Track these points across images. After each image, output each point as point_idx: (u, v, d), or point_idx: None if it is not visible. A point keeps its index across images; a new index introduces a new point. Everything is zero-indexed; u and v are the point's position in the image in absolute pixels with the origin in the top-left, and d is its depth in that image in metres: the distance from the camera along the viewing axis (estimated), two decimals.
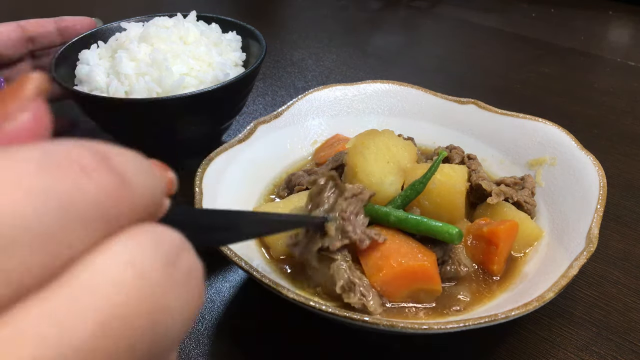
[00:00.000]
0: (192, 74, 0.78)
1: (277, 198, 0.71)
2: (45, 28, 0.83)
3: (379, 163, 0.62)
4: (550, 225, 0.64)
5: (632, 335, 0.58)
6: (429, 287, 0.56)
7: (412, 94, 0.82)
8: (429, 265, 0.55)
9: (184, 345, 0.58)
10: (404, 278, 0.55)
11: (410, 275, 0.55)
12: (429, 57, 1.27)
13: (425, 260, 0.55)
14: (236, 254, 0.54)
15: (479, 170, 0.70)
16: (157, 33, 0.80)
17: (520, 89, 1.08)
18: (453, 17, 1.46)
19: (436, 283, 0.56)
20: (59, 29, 0.84)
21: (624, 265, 0.67)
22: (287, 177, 0.72)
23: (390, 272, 0.54)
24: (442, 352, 0.57)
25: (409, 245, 0.56)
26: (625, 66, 1.17)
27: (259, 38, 0.85)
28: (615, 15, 1.43)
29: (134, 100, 0.72)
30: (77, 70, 0.80)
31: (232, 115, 0.83)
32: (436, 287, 0.56)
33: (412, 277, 0.55)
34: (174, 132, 0.78)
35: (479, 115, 0.78)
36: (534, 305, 0.49)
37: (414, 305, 0.57)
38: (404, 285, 0.55)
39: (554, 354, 0.57)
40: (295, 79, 1.13)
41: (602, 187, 0.62)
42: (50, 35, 0.84)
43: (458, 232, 0.56)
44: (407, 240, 0.57)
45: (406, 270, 0.54)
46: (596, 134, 0.93)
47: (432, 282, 0.56)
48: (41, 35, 0.83)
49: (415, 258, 0.55)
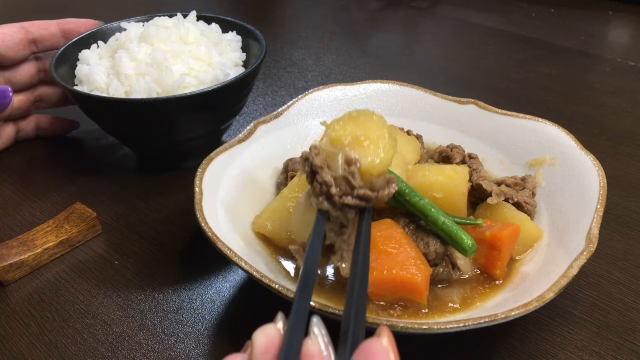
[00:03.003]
0: (192, 74, 0.78)
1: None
2: (49, 30, 0.83)
3: None
4: (550, 225, 0.64)
5: (632, 335, 0.58)
6: (414, 299, 0.56)
7: (412, 94, 0.82)
8: (419, 280, 0.54)
9: (184, 345, 0.58)
10: (391, 286, 0.55)
11: (398, 285, 0.55)
12: (429, 57, 1.27)
13: (416, 275, 0.54)
14: (236, 254, 0.54)
15: (480, 170, 0.70)
16: (157, 33, 0.80)
17: (520, 89, 1.08)
18: (453, 17, 1.46)
19: (422, 297, 0.55)
20: (63, 31, 0.84)
21: (624, 265, 0.67)
22: (285, 162, 0.73)
23: (379, 276, 0.54)
24: (442, 352, 0.57)
25: (407, 254, 0.56)
26: (625, 66, 1.17)
27: (259, 38, 0.85)
28: (615, 15, 1.43)
29: (134, 100, 0.72)
30: (77, 70, 0.80)
31: (232, 115, 0.83)
32: (421, 302, 0.56)
33: (399, 287, 0.55)
34: (174, 132, 0.78)
35: (479, 115, 0.78)
36: (534, 305, 0.49)
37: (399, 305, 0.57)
38: (390, 291, 0.55)
39: (554, 354, 0.57)
40: (295, 79, 1.13)
41: (602, 187, 0.62)
42: (53, 37, 0.84)
43: (472, 247, 0.57)
44: (409, 248, 0.56)
45: (395, 280, 0.54)
46: (596, 134, 0.93)
47: (418, 296, 0.55)
48: (44, 38, 0.83)
49: (407, 270, 0.54)
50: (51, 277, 0.67)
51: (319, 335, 0.34)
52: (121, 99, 0.73)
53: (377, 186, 0.49)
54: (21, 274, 0.67)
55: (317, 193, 0.48)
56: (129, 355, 0.57)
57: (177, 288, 0.65)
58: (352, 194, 0.48)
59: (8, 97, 0.73)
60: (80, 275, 0.67)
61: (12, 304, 0.64)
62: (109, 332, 0.60)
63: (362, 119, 0.51)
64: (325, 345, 0.33)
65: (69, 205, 0.74)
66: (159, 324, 0.61)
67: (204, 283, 0.66)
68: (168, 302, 0.63)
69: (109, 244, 0.72)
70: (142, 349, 0.58)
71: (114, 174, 0.86)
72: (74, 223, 0.71)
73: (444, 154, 0.74)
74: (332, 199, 0.48)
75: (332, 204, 0.48)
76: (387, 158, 0.50)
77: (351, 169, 0.48)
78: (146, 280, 0.66)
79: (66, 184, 0.84)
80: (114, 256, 0.70)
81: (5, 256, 0.66)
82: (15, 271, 0.66)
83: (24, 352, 0.58)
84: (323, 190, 0.48)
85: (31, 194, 0.81)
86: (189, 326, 0.60)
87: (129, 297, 0.64)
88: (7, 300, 0.64)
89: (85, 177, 0.85)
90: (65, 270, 0.68)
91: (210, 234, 0.56)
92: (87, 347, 0.58)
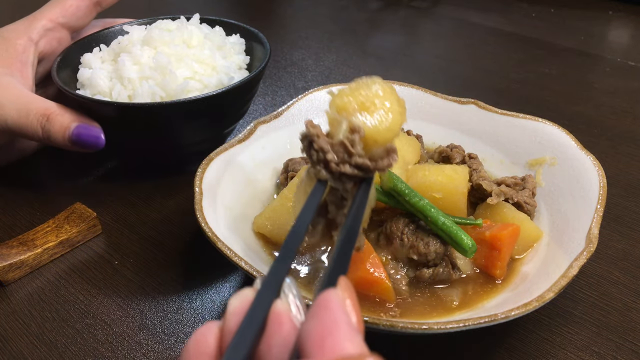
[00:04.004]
0: (196, 78, 0.77)
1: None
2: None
3: None
4: (550, 225, 0.64)
5: (632, 335, 0.58)
6: (382, 296, 0.58)
7: (412, 94, 0.82)
8: (375, 278, 0.57)
9: (184, 345, 0.58)
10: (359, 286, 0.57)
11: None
12: (429, 57, 1.27)
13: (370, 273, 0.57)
14: (236, 254, 0.54)
15: (480, 170, 0.70)
16: (161, 36, 0.79)
17: (520, 89, 1.08)
18: (453, 17, 1.46)
19: (387, 294, 0.58)
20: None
21: (624, 265, 0.67)
22: (285, 162, 0.73)
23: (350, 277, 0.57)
24: (443, 352, 0.57)
25: (360, 257, 0.58)
26: (625, 66, 1.17)
27: (263, 41, 0.84)
28: (615, 15, 1.43)
29: (138, 104, 0.71)
30: (79, 74, 0.79)
31: (237, 119, 0.83)
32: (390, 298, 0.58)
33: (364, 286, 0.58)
34: (178, 136, 0.77)
35: (479, 115, 0.78)
36: (534, 305, 0.49)
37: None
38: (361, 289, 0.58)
39: (554, 354, 0.57)
40: (295, 79, 1.13)
41: (602, 187, 0.62)
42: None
43: (472, 247, 0.57)
44: (368, 252, 0.58)
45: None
46: (596, 134, 0.93)
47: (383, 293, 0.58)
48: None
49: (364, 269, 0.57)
50: (51, 277, 0.67)
51: (289, 295, 0.32)
52: (125, 104, 0.72)
53: (376, 156, 0.46)
54: (21, 274, 0.67)
55: (314, 162, 0.46)
56: (129, 355, 0.57)
57: (177, 288, 0.65)
58: (350, 162, 0.45)
59: (101, 139, 0.74)
60: (80, 275, 0.67)
61: (12, 304, 0.64)
62: (109, 332, 0.60)
63: (369, 86, 0.49)
64: (296, 306, 0.31)
65: (69, 205, 0.74)
66: (159, 324, 0.61)
67: (204, 283, 0.66)
68: (168, 302, 0.63)
69: (109, 244, 0.72)
70: (142, 349, 0.58)
71: (114, 173, 0.86)
72: (74, 223, 0.71)
73: (444, 154, 0.74)
74: (329, 167, 0.45)
75: (330, 172, 0.45)
76: (394, 125, 0.48)
77: (352, 137, 0.45)
78: (146, 280, 0.66)
79: (66, 184, 0.84)
80: (114, 256, 0.70)
81: (5, 256, 0.66)
82: (15, 271, 0.66)
83: (24, 352, 0.58)
84: (320, 157, 0.45)
85: (31, 194, 0.81)
86: (189, 326, 0.60)
87: (129, 297, 0.64)
88: (7, 300, 0.64)
89: (85, 177, 0.85)
90: (65, 270, 0.68)
91: (210, 234, 0.56)
92: (87, 347, 0.58)
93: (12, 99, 0.71)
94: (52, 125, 0.71)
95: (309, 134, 0.46)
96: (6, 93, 0.71)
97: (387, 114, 0.47)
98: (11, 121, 0.71)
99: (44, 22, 0.79)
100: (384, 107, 0.48)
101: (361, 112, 0.47)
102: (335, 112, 0.47)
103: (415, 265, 0.60)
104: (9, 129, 0.71)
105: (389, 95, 0.49)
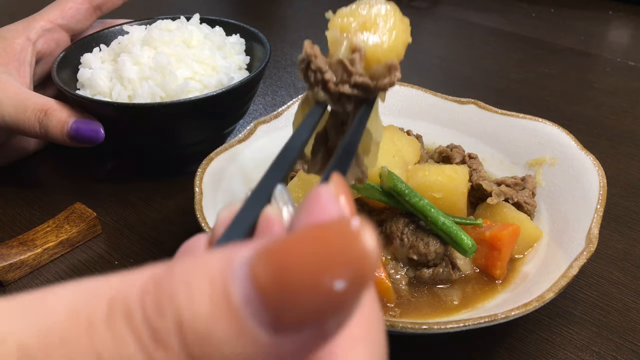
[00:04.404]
0: (196, 78, 0.77)
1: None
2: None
3: (384, 157, 0.62)
4: (550, 225, 0.64)
5: (632, 335, 0.58)
6: (382, 296, 0.58)
7: (412, 94, 0.82)
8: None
9: None
10: None
11: None
12: (429, 57, 1.27)
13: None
14: None
15: (480, 170, 0.70)
16: (161, 36, 0.79)
17: (520, 89, 1.08)
18: (453, 17, 1.46)
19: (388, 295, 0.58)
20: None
21: (624, 265, 0.67)
22: None
23: None
24: (442, 352, 0.57)
25: None
26: (625, 66, 1.17)
27: (263, 41, 0.84)
28: (615, 15, 1.43)
29: (138, 105, 0.71)
30: (79, 74, 0.79)
31: (236, 120, 0.83)
32: (390, 298, 0.58)
33: None
34: (178, 136, 0.77)
35: (479, 115, 0.78)
36: (534, 305, 0.49)
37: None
38: None
39: (554, 354, 0.57)
40: (295, 79, 1.13)
41: (602, 187, 0.62)
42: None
43: (472, 247, 0.57)
44: None
45: None
46: (596, 134, 0.93)
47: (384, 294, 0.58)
48: (107, 1, 0.84)
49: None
50: (51, 277, 0.67)
51: (281, 201, 0.29)
52: (125, 104, 0.72)
53: (377, 74, 0.43)
54: (21, 274, 0.67)
55: (311, 83, 0.43)
56: None
57: None
58: (350, 82, 0.42)
59: (100, 133, 0.73)
60: (80, 275, 0.67)
61: None
62: None
63: (371, 5, 0.47)
64: (288, 212, 0.28)
65: (69, 205, 0.74)
66: None
67: None
68: None
69: (109, 244, 0.72)
70: None
71: (114, 174, 0.86)
72: (74, 223, 0.71)
73: (444, 154, 0.74)
74: (327, 87, 0.43)
75: (328, 92, 0.43)
76: (397, 44, 0.45)
77: (352, 56, 0.43)
78: None
79: (66, 184, 0.84)
80: (114, 256, 0.70)
81: (5, 256, 0.66)
82: (15, 271, 0.66)
83: None
84: (318, 78, 0.43)
85: (31, 194, 0.81)
86: None
87: None
88: None
89: (85, 177, 0.85)
90: (65, 270, 0.68)
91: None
92: None
93: (10, 95, 0.71)
94: (50, 121, 0.70)
95: (306, 54, 0.44)
96: (4, 90, 0.71)
97: (390, 32, 0.45)
98: (9, 117, 0.70)
99: (43, 23, 0.79)
100: (387, 26, 0.45)
101: (362, 31, 0.44)
102: (335, 32, 0.45)
103: (415, 265, 0.60)
104: (6, 125, 0.71)
105: (392, 13, 0.46)
